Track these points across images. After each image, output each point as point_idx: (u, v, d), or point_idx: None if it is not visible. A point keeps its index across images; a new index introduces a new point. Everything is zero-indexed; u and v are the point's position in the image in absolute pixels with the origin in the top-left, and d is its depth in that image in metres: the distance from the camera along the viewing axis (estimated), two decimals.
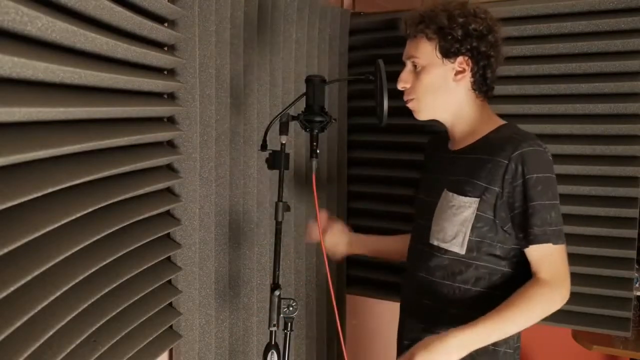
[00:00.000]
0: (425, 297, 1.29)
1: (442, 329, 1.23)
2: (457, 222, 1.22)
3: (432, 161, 1.45)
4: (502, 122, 1.29)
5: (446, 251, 1.24)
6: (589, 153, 1.63)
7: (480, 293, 1.22)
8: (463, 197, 1.22)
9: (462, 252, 1.22)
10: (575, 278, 1.72)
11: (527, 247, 1.17)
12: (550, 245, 1.16)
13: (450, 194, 1.25)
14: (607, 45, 1.56)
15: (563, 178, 1.66)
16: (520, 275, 1.22)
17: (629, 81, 1.56)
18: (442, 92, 1.27)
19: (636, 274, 1.65)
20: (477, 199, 1.19)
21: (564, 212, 1.68)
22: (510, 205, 1.18)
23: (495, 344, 1.20)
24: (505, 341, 1.22)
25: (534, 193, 1.15)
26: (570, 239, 1.69)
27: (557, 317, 1.71)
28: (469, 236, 1.21)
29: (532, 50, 1.64)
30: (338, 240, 1.54)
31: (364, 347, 2.45)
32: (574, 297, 1.73)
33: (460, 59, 1.24)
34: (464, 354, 1.12)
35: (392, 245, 1.57)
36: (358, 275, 2.06)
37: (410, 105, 1.31)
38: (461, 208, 1.21)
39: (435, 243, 1.27)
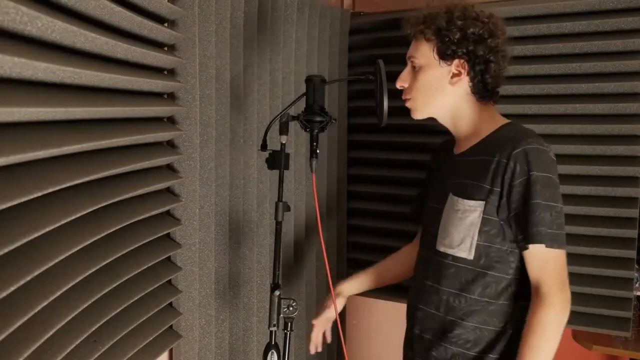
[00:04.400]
0: (431, 306, 1.27)
1: (449, 340, 1.22)
2: (464, 227, 1.20)
3: (438, 167, 1.43)
4: (505, 121, 1.28)
5: (454, 258, 1.22)
6: (589, 153, 1.63)
7: (487, 303, 1.20)
8: (468, 201, 1.20)
9: (470, 257, 1.20)
10: (575, 278, 1.72)
11: (524, 248, 1.16)
12: (544, 247, 1.13)
13: (456, 198, 1.23)
14: (607, 45, 1.56)
15: (563, 178, 1.64)
16: (528, 286, 1.20)
17: (629, 81, 1.55)
18: (437, 94, 1.26)
19: (636, 274, 1.64)
20: (483, 202, 1.18)
21: (564, 212, 1.69)
22: (509, 205, 1.16)
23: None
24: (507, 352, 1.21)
25: (531, 191, 1.13)
26: (570, 239, 1.68)
27: None
28: (477, 241, 1.19)
29: (532, 50, 1.64)
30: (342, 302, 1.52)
31: (364, 347, 2.45)
32: (574, 297, 1.73)
33: (456, 61, 1.24)
34: None
35: (394, 269, 1.54)
36: None
37: (407, 104, 1.31)
38: (467, 212, 1.20)
39: (442, 249, 1.25)
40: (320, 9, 1.77)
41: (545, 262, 1.15)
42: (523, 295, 1.20)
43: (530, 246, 1.14)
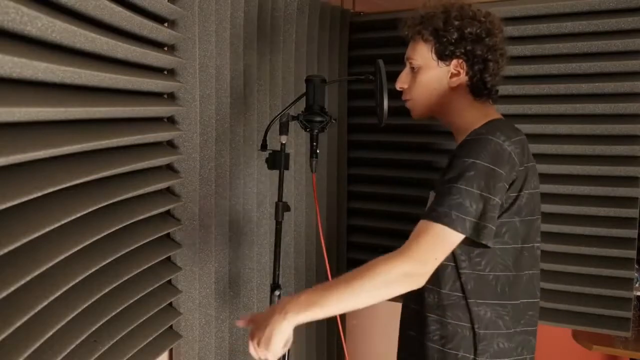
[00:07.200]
0: (412, 302, 1.29)
1: (427, 337, 1.22)
2: None
3: None
4: (490, 118, 1.24)
5: None
6: (589, 153, 1.63)
7: (458, 298, 1.18)
8: (433, 193, 1.22)
9: None
10: (575, 278, 1.73)
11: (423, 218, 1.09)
12: (431, 223, 1.05)
13: (431, 193, 1.27)
14: (607, 45, 1.56)
15: (563, 178, 1.66)
16: (497, 281, 1.17)
17: (629, 81, 1.56)
18: (437, 94, 1.26)
19: (636, 274, 1.65)
20: None
21: (564, 212, 1.69)
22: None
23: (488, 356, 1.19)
24: (502, 350, 1.20)
25: (462, 175, 1.07)
26: (570, 239, 1.70)
27: (557, 317, 1.72)
28: None
29: (532, 50, 1.65)
30: None
31: (364, 347, 2.44)
32: (574, 297, 1.74)
33: (455, 61, 1.23)
34: (301, 319, 1.00)
35: None
36: None
37: (407, 105, 1.31)
38: None
39: None
40: (320, 9, 1.77)
41: (422, 232, 1.07)
42: (484, 296, 1.17)
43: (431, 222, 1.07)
